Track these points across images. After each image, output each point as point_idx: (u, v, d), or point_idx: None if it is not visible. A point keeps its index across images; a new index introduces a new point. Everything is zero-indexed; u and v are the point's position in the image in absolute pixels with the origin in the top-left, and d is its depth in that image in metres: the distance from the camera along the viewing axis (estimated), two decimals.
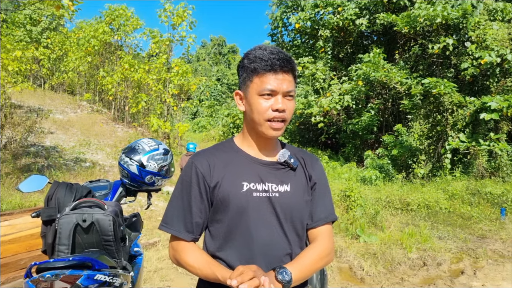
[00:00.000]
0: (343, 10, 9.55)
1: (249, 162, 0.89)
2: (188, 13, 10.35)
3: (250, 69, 0.84)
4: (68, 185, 1.33)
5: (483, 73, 7.61)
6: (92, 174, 6.38)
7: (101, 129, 9.91)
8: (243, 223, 0.83)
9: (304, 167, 0.94)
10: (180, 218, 0.86)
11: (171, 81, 10.47)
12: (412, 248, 3.81)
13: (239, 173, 0.86)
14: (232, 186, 0.84)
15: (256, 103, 0.83)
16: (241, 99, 0.89)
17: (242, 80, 0.88)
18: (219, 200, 0.85)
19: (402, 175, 7.38)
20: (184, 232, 0.86)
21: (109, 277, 1.05)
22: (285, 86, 0.83)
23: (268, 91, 0.82)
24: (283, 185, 0.87)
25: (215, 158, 0.88)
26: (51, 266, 1.02)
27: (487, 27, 7.41)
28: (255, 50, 0.85)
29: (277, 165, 0.90)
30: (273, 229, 0.85)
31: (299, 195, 0.89)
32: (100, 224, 1.17)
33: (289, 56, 0.84)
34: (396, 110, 9.63)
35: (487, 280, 3.16)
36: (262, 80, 0.83)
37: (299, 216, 0.89)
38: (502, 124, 7.33)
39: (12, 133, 6.75)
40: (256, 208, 0.84)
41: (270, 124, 0.84)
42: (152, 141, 1.53)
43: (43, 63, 12.98)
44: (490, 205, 5.57)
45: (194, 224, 0.86)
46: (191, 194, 0.86)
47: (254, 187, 0.85)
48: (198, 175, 0.86)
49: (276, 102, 0.83)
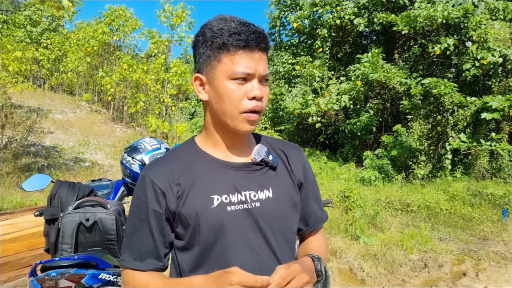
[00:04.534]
0: (342, 9, 9.55)
1: (217, 168, 0.70)
2: (187, 14, 10.39)
3: (216, 45, 0.64)
4: (70, 184, 1.33)
5: (485, 73, 7.60)
6: (92, 173, 6.38)
7: (100, 129, 9.92)
8: (217, 248, 0.66)
9: (286, 162, 0.76)
10: (143, 248, 0.68)
11: (169, 81, 10.49)
12: (413, 249, 3.81)
13: (207, 184, 0.68)
14: (199, 202, 0.66)
15: (226, 89, 0.64)
16: (202, 85, 0.69)
17: (204, 60, 0.67)
18: (184, 222, 0.67)
19: (402, 175, 7.37)
20: (151, 261, 0.67)
21: (113, 276, 1.05)
22: (262, 68, 0.65)
23: (243, 74, 0.64)
24: (263, 190, 0.70)
25: (174, 168, 0.69)
26: (56, 264, 1.02)
27: (488, 27, 7.37)
28: (219, 21, 0.65)
29: (253, 166, 0.72)
30: (257, 250, 0.68)
31: (285, 200, 0.72)
32: (103, 223, 1.17)
33: (263, 30, 0.67)
34: (396, 110, 9.63)
35: (490, 282, 3.15)
36: (234, 60, 0.63)
37: (289, 225, 0.73)
38: (504, 124, 7.33)
39: (12, 133, 6.76)
40: (233, 226, 0.66)
41: (245, 116, 0.65)
42: (154, 140, 1.54)
43: (43, 64, 13.00)
44: (491, 207, 5.55)
45: (161, 252, 0.69)
46: (149, 217, 0.67)
47: (227, 199, 0.67)
48: (157, 192, 0.67)
49: (252, 88, 0.64)
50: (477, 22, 7.37)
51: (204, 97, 0.69)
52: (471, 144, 6.79)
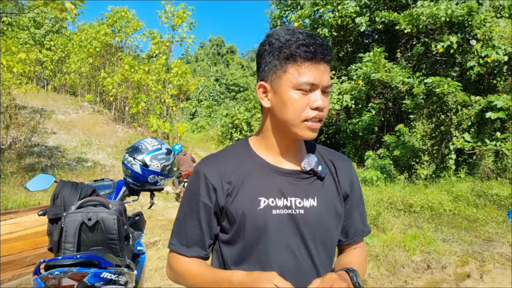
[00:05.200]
0: (343, 8, 9.51)
1: (267, 171, 0.73)
2: (188, 14, 10.42)
3: (283, 56, 0.68)
4: (73, 184, 1.35)
5: (489, 71, 7.51)
6: (94, 173, 6.43)
7: (102, 129, 9.99)
8: (260, 247, 0.70)
9: (334, 173, 0.78)
10: (190, 236, 0.74)
11: (170, 82, 10.53)
12: (416, 250, 3.77)
13: (256, 186, 0.72)
14: (247, 202, 0.71)
15: (291, 99, 0.68)
16: (265, 93, 0.72)
17: (269, 69, 0.70)
18: (230, 219, 0.72)
19: (405, 176, 7.33)
20: (196, 249, 0.74)
21: (115, 275, 1.06)
22: (326, 79, 0.69)
23: (308, 85, 0.67)
24: (308, 199, 0.72)
25: (226, 166, 0.73)
26: (59, 263, 1.04)
27: (493, 25, 7.25)
28: (286, 32, 0.69)
29: (301, 174, 0.74)
30: (297, 255, 0.71)
31: (328, 211, 0.74)
32: (105, 223, 1.19)
33: (328, 43, 0.70)
34: (398, 110, 9.57)
35: (494, 284, 3.10)
36: (300, 71, 0.67)
37: (330, 236, 0.75)
38: (509, 123, 7.22)
39: (16, 133, 6.83)
40: (276, 228, 0.70)
41: (307, 124, 0.69)
42: (155, 141, 1.55)
43: (46, 65, 13.12)
44: (496, 207, 5.49)
45: (206, 242, 0.74)
46: (199, 209, 0.73)
47: (273, 203, 0.71)
48: (209, 187, 0.72)
49: (315, 98, 0.68)
50: (481, 20, 7.26)
51: (267, 104, 0.72)
52: (476, 144, 6.71)
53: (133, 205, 4.63)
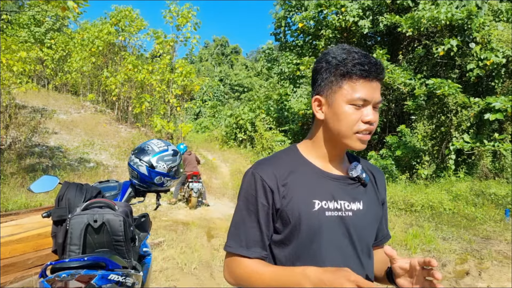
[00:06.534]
0: (346, 11, 9.53)
1: (319, 176, 0.79)
2: (192, 14, 10.40)
3: (339, 73, 0.74)
4: (78, 186, 1.34)
5: (488, 74, 7.58)
6: (96, 174, 6.40)
7: (104, 129, 9.95)
8: (314, 247, 0.74)
9: (374, 182, 0.86)
10: (250, 237, 0.76)
11: (174, 82, 10.50)
12: (417, 249, 3.80)
13: (309, 189, 0.77)
14: (302, 204, 0.75)
15: (344, 112, 0.74)
16: (320, 106, 0.79)
17: (325, 84, 0.77)
18: (285, 220, 0.76)
19: (406, 175, 7.35)
20: (257, 249, 0.76)
21: (122, 277, 1.06)
22: (377, 96, 0.75)
23: (361, 100, 0.73)
24: (355, 202, 0.79)
25: (281, 170, 0.78)
26: (66, 266, 1.03)
27: (492, 28, 7.37)
28: (342, 51, 0.76)
29: (348, 179, 0.81)
30: (346, 253, 0.76)
31: (371, 214, 0.81)
32: (111, 225, 1.18)
33: (381, 62, 0.76)
34: (400, 111, 9.59)
35: (492, 281, 3.14)
36: (354, 88, 0.73)
37: (371, 237, 0.83)
38: (507, 125, 7.30)
39: (16, 133, 6.80)
40: (329, 229, 0.75)
41: (358, 136, 0.75)
42: (161, 142, 1.55)
43: (47, 64, 13.07)
44: (494, 206, 5.53)
45: (266, 243, 0.77)
46: (258, 210, 0.76)
47: (326, 205, 0.76)
48: (266, 189, 0.76)
49: (367, 113, 0.74)
50: (480, 23, 7.35)
51: (321, 117, 0.79)
52: (474, 144, 6.77)
53: (137, 206, 4.63)
